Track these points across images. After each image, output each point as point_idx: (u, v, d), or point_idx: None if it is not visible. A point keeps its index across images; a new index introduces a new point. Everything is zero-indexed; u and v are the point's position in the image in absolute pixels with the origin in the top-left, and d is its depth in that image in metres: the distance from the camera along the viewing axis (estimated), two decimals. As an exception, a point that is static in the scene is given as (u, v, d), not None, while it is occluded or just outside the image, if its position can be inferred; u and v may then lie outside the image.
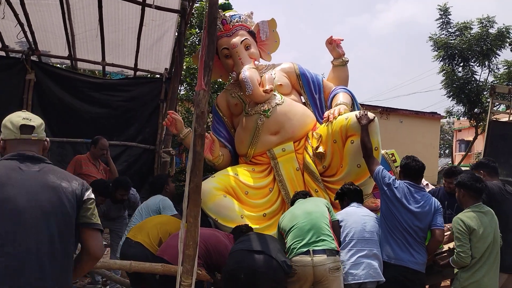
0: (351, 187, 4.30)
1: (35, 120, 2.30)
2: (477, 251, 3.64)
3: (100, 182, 4.88)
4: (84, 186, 2.23)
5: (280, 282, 3.46)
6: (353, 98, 5.43)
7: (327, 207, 4.01)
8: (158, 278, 3.61)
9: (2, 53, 6.76)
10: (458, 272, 3.73)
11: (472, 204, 3.79)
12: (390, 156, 5.18)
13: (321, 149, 4.79)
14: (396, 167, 5.09)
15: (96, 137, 6.01)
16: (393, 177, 4.08)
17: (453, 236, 3.77)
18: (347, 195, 4.26)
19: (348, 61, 5.70)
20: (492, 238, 3.69)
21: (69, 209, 2.11)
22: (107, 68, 7.36)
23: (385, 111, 18.83)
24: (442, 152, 36.91)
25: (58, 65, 7.77)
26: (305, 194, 4.36)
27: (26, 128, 2.25)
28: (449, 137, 38.18)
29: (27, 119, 2.27)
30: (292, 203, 4.30)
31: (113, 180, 5.45)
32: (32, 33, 6.47)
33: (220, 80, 8.62)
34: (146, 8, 6.14)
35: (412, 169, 4.06)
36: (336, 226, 3.93)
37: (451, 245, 3.94)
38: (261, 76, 5.29)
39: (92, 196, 2.25)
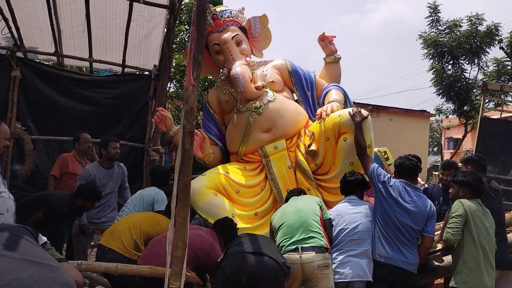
0: (351, 177, 4.16)
1: None
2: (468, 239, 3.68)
3: (87, 186, 4.75)
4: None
5: (281, 283, 3.37)
6: (345, 95, 5.38)
7: (319, 205, 3.96)
8: (138, 280, 3.51)
9: (-14, 50, 6.61)
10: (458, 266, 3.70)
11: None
12: (383, 154, 5.13)
13: (313, 147, 4.73)
14: (389, 165, 5.07)
15: (77, 134, 5.85)
16: (388, 175, 4.03)
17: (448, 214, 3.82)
18: (348, 187, 4.15)
19: (340, 58, 5.64)
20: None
21: None
22: (95, 65, 7.22)
23: (375, 109, 18.81)
24: (431, 149, 37.12)
25: (45, 62, 7.63)
26: (299, 192, 4.29)
27: None
28: (438, 135, 38.38)
29: None
30: (286, 201, 4.24)
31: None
32: (17, 28, 6.32)
33: (210, 77, 8.55)
34: (134, 3, 6.02)
35: (406, 168, 4.03)
36: (328, 224, 3.88)
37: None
38: (252, 73, 5.20)
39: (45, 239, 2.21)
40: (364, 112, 4.49)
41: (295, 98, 5.48)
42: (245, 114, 5.02)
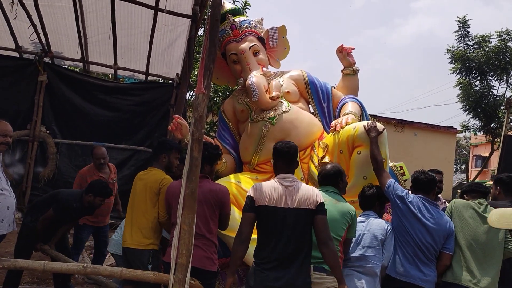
0: (370, 191, 4.04)
1: None
2: None
3: (98, 182, 4.80)
4: None
5: None
6: (362, 108, 5.33)
7: (348, 222, 3.59)
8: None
9: (16, 54, 6.84)
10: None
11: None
12: (399, 169, 5.03)
13: (327, 159, 4.67)
14: (405, 180, 4.98)
15: (93, 147, 5.87)
16: (406, 190, 3.95)
17: None
18: (367, 201, 4.03)
19: (358, 70, 5.61)
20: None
21: None
22: (119, 72, 7.38)
23: (400, 124, 18.63)
24: (458, 167, 36.43)
25: (71, 68, 7.83)
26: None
27: None
28: (466, 152, 37.68)
29: None
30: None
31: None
32: (46, 34, 6.52)
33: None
34: (158, 12, 6.14)
35: (421, 182, 3.92)
36: (348, 243, 3.67)
37: None
38: (268, 83, 5.22)
39: None
40: (380, 126, 4.40)
41: (311, 109, 5.46)
42: (259, 124, 5.03)
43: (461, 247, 3.75)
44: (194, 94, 10.46)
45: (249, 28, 5.44)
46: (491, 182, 4.84)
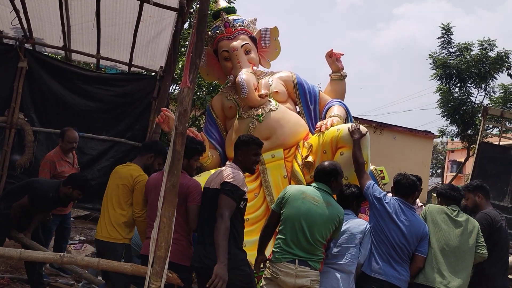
0: (348, 190, 4.09)
1: None
2: None
3: (79, 176, 4.73)
4: None
5: None
6: (347, 111, 5.45)
7: (336, 225, 3.64)
8: None
9: (-4, 39, 6.66)
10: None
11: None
12: (379, 172, 5.19)
13: (310, 159, 4.76)
14: (384, 184, 5.11)
15: (63, 128, 5.67)
16: (384, 192, 4.08)
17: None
18: (346, 201, 4.03)
19: (346, 75, 5.75)
20: None
21: None
22: (102, 62, 7.26)
23: (379, 126, 18.83)
24: (434, 171, 37.03)
25: (52, 55, 7.68)
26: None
27: None
28: (442, 157, 38.32)
29: None
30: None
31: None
32: (28, 20, 6.35)
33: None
34: (144, 4, 6.06)
35: (402, 186, 4.06)
36: (329, 242, 3.76)
37: None
38: (258, 82, 5.29)
39: None
40: (363, 129, 4.54)
41: (298, 110, 5.55)
42: (246, 120, 5.10)
43: (433, 250, 3.89)
44: (177, 87, 10.43)
45: (242, 27, 5.54)
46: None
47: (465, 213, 4.12)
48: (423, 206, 5.95)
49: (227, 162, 3.81)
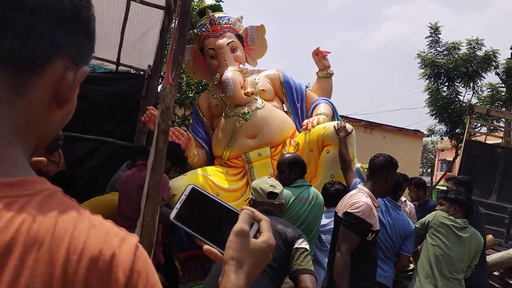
0: (332, 188, 4.14)
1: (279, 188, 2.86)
2: None
3: (67, 174, 4.63)
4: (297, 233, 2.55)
5: None
6: (334, 109, 5.46)
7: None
8: None
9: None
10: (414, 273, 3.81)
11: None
12: (365, 171, 5.17)
13: (297, 157, 4.75)
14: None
15: None
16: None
17: None
18: (330, 199, 4.06)
19: (333, 73, 5.75)
20: None
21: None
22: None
23: (369, 125, 18.91)
24: (424, 170, 37.18)
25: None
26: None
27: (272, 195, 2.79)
28: (432, 156, 38.51)
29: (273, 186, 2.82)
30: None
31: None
32: (13, 19, 6.30)
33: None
34: (131, 2, 6.04)
35: None
36: None
37: None
38: (244, 80, 5.27)
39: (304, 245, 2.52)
40: (349, 127, 4.57)
41: (285, 109, 5.55)
42: (233, 119, 5.08)
43: (430, 263, 3.73)
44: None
45: (228, 25, 5.51)
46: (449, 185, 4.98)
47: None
48: (407, 201, 5.98)
49: (359, 186, 3.48)
